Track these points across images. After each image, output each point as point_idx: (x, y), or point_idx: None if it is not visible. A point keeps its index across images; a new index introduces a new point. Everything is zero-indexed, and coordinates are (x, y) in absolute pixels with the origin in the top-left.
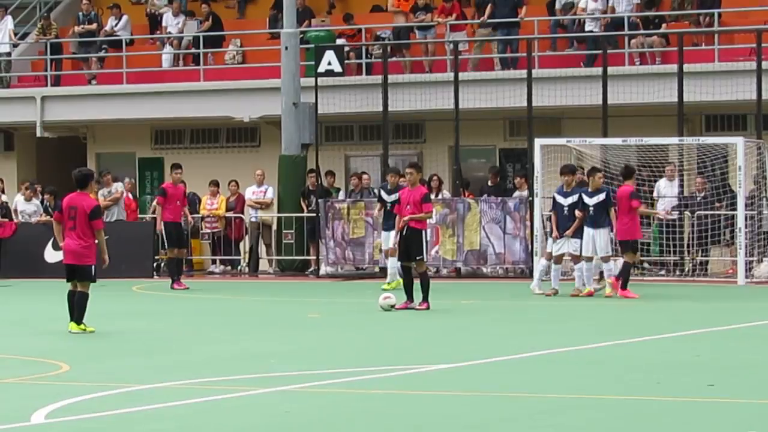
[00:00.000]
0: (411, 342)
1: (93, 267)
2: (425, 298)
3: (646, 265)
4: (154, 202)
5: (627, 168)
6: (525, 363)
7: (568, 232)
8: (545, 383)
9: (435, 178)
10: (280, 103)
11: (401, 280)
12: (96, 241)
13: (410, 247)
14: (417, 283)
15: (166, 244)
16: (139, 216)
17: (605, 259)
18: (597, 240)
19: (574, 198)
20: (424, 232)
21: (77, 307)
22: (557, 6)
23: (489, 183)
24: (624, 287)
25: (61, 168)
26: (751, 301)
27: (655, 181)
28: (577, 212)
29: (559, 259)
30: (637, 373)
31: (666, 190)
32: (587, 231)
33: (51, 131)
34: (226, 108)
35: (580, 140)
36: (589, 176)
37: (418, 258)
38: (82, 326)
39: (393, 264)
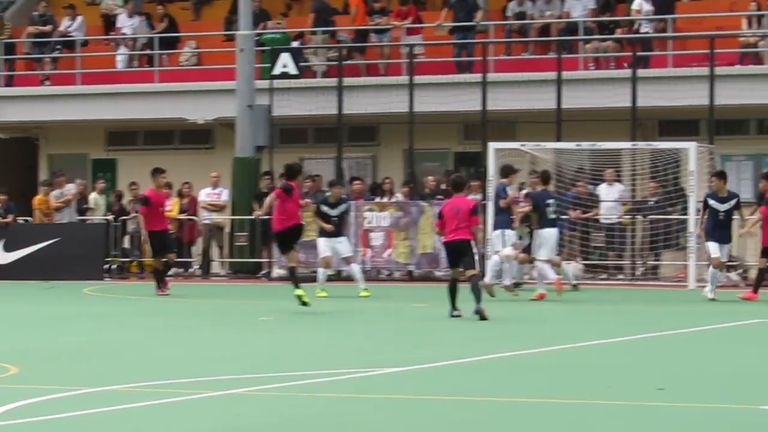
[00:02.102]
0: (363, 345)
1: None
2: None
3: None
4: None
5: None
6: (476, 367)
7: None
8: (496, 387)
9: (388, 180)
10: (235, 105)
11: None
12: None
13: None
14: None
15: (150, 252)
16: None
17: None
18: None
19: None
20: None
21: None
22: (508, 13)
23: (443, 186)
24: None
25: (13, 169)
26: (702, 305)
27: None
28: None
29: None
30: (588, 377)
31: (606, 195)
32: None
33: (3, 132)
34: (181, 110)
35: (534, 144)
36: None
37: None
38: None
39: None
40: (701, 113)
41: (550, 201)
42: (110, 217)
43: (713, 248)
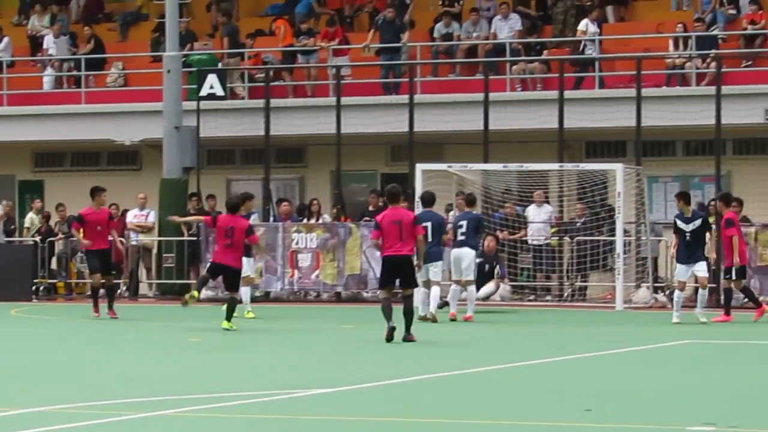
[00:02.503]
0: (292, 366)
1: None
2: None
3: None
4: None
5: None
6: (404, 388)
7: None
8: (424, 407)
9: (315, 202)
10: (162, 127)
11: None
12: None
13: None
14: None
15: (88, 272)
16: (22, 239)
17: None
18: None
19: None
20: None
21: None
22: (435, 34)
23: (370, 207)
24: None
25: None
26: (629, 326)
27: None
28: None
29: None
30: (515, 398)
31: (535, 216)
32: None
33: None
34: (108, 131)
35: (461, 166)
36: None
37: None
38: None
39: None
40: (628, 134)
41: (462, 223)
42: (38, 238)
43: (679, 271)
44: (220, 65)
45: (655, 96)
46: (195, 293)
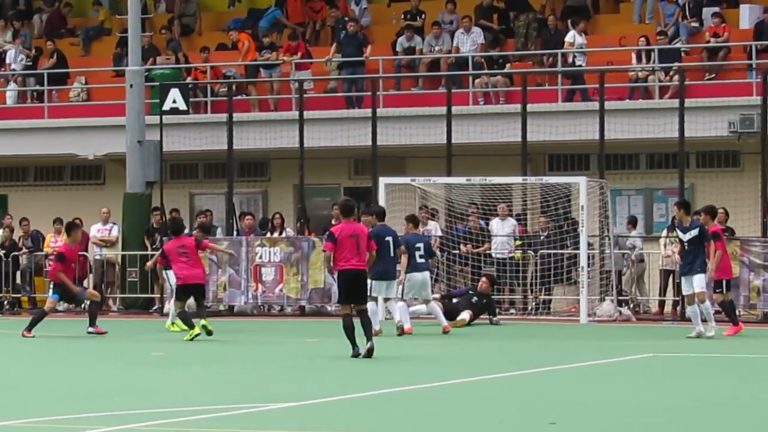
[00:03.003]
0: (255, 380)
1: None
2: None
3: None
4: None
5: None
6: (368, 402)
7: None
8: (388, 421)
9: (277, 216)
10: (125, 141)
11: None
12: None
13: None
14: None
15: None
16: None
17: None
18: None
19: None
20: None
21: None
22: (397, 48)
23: (333, 221)
24: None
25: None
26: (593, 340)
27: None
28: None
29: None
30: (481, 411)
31: (499, 229)
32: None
33: None
34: (71, 145)
35: (425, 179)
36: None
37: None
38: None
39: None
40: (592, 148)
41: (419, 245)
42: (1, 253)
43: (683, 284)
44: (188, 80)
45: (618, 109)
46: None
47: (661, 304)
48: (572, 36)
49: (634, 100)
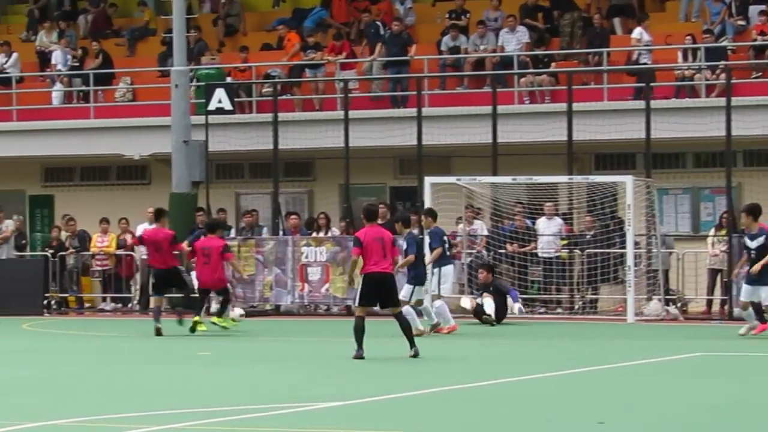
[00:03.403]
0: (302, 380)
1: None
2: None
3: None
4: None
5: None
6: (413, 401)
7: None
8: (436, 421)
9: (322, 215)
10: (171, 141)
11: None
12: None
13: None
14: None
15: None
16: (29, 254)
17: None
18: None
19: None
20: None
21: None
22: (442, 47)
23: (379, 220)
24: None
25: None
26: (641, 339)
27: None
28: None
29: None
30: (528, 411)
31: (546, 228)
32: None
33: None
34: (117, 145)
35: (470, 178)
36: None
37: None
38: None
39: None
40: (638, 147)
41: (446, 237)
42: (49, 253)
43: (744, 291)
44: (228, 79)
45: (664, 108)
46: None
47: (709, 303)
48: (639, 33)
49: (680, 99)
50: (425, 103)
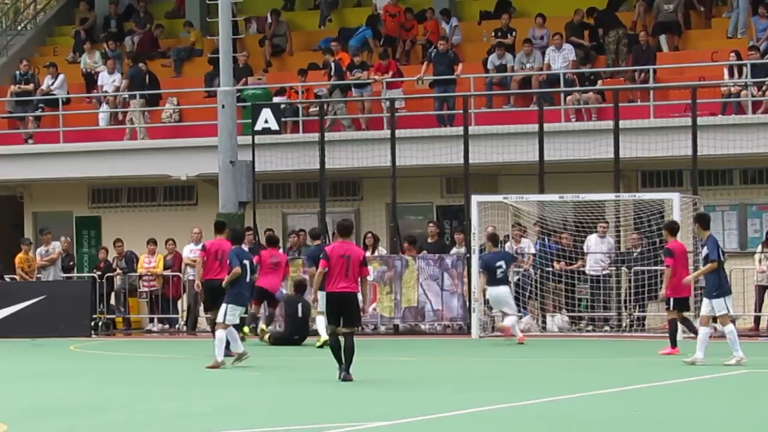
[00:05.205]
0: (350, 399)
1: None
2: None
3: None
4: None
5: None
6: (462, 420)
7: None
8: None
9: (369, 235)
10: (217, 162)
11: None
12: None
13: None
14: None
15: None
16: (77, 275)
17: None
18: None
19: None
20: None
21: None
22: (488, 65)
23: (429, 240)
24: None
25: None
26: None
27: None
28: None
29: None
30: (574, 430)
31: (596, 247)
32: None
33: None
34: (163, 166)
35: (517, 197)
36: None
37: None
38: None
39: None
40: (684, 164)
41: (500, 263)
42: (96, 274)
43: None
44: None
45: (710, 125)
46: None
47: (756, 319)
48: None
49: (726, 116)
50: (472, 121)
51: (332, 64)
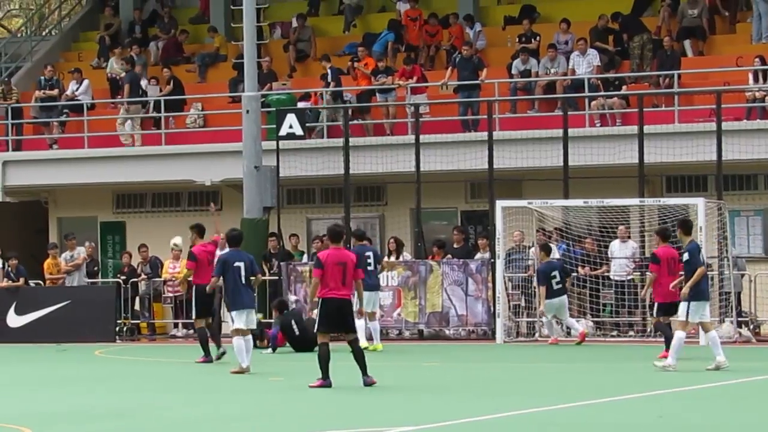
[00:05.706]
0: (374, 404)
1: None
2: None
3: None
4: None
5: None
6: (487, 425)
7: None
8: None
9: (392, 241)
10: (242, 167)
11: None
12: None
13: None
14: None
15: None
16: (101, 280)
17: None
18: None
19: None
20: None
21: None
22: (512, 71)
23: (454, 245)
24: None
25: (22, 233)
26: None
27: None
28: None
29: None
30: None
31: (619, 251)
32: None
33: (12, 196)
34: (188, 172)
35: (542, 202)
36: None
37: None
38: None
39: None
40: (709, 169)
41: (554, 273)
42: (120, 279)
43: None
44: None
45: (735, 129)
46: None
47: None
48: None
49: (751, 121)
50: (496, 126)
51: (329, 71)
